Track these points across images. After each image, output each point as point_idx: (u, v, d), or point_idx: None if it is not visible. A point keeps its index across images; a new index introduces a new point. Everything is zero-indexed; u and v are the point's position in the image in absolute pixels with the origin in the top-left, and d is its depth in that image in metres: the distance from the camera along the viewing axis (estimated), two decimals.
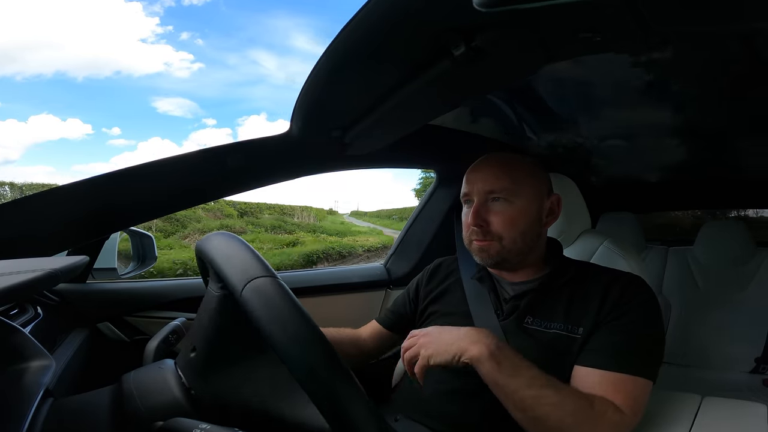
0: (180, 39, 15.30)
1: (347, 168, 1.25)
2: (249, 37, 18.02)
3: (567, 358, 0.76)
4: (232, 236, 0.56)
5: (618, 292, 0.77)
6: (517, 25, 0.54)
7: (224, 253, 0.52)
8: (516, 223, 0.81)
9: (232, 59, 17.29)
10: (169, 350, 0.71)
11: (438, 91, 0.74)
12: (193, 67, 15.33)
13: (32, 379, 0.47)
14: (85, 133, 26.06)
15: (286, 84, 18.80)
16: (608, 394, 0.70)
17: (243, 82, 18.06)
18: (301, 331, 0.45)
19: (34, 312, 0.85)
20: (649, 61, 0.89)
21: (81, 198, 0.86)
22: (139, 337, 1.09)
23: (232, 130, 17.12)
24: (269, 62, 18.50)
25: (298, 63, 20.15)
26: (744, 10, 0.47)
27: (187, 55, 16.46)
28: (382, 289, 1.52)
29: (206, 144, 17.74)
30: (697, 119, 1.23)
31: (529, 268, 0.86)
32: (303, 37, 19.45)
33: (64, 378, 0.77)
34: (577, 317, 0.78)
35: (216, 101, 17.91)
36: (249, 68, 17.49)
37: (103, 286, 1.11)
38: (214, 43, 17.00)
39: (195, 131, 18.88)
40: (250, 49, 17.80)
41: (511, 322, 0.82)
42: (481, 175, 0.83)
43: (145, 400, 0.55)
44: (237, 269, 0.49)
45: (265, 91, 18.33)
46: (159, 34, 14.75)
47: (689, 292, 1.87)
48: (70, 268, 0.48)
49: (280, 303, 0.46)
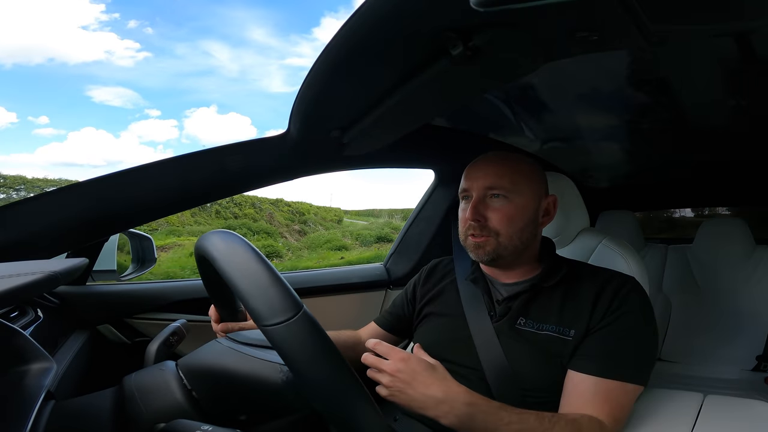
0: (128, 27, 15.05)
1: (346, 168, 1.25)
2: (202, 27, 17.78)
3: (559, 359, 0.76)
4: (240, 242, 0.52)
5: (610, 295, 0.78)
6: (515, 25, 0.54)
7: (242, 276, 0.48)
8: (514, 221, 0.81)
9: (181, 49, 17.00)
10: (170, 352, 0.72)
11: (436, 90, 0.74)
12: (138, 56, 15.04)
13: (33, 381, 0.47)
14: (8, 122, 25.19)
15: (239, 76, 18.51)
16: (598, 402, 0.71)
17: (192, 73, 17.73)
18: (332, 374, 0.46)
19: (35, 314, 0.85)
20: (647, 60, 0.89)
21: (80, 200, 0.86)
22: (140, 339, 1.09)
23: (179, 122, 16.78)
24: (222, 53, 18.27)
25: (253, 55, 19.81)
26: (740, 9, 0.47)
27: (133, 43, 16.14)
28: (382, 289, 1.52)
29: (143, 136, 17.29)
30: (695, 118, 1.23)
31: (523, 268, 0.87)
32: (261, 30, 19.22)
33: (66, 380, 0.77)
34: (569, 319, 0.78)
35: (161, 92, 17.55)
36: (199, 59, 17.28)
37: (102, 288, 1.12)
38: (164, 32, 16.73)
39: (136, 122, 18.50)
40: (201, 39, 17.57)
41: (503, 324, 0.82)
42: (482, 172, 0.84)
43: (146, 402, 0.55)
44: (265, 306, 0.46)
45: (215, 83, 18.14)
46: (103, 21, 14.41)
47: (689, 289, 1.87)
48: (70, 270, 0.48)
49: (311, 345, 0.46)
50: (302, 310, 0.46)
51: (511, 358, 0.78)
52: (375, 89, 0.75)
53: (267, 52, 19.38)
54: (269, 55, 19.32)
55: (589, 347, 0.75)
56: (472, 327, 0.85)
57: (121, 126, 19.31)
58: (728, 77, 0.96)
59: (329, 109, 0.85)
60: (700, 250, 1.88)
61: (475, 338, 0.83)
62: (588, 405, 0.71)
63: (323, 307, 1.38)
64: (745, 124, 1.26)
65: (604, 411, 0.70)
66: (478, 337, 0.83)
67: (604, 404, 0.70)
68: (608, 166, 1.81)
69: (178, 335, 0.75)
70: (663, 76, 0.98)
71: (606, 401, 0.71)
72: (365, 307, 1.47)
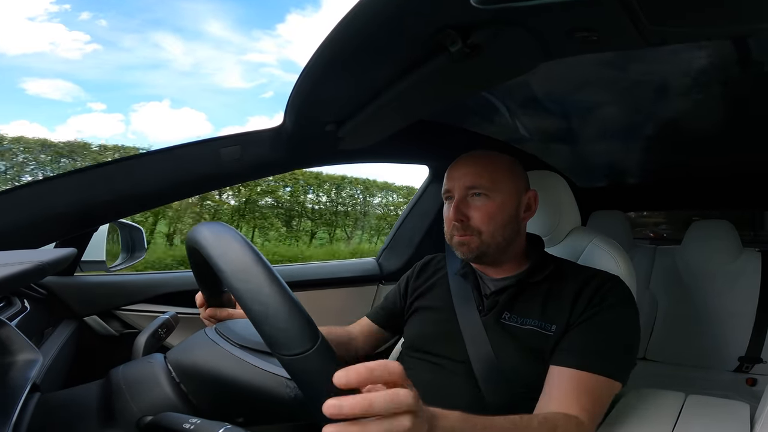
0: (79, 19, 14.32)
1: (340, 162, 1.25)
2: (155, 19, 16.89)
3: (541, 355, 0.77)
4: (242, 243, 0.48)
5: (592, 291, 0.79)
6: (514, 23, 0.54)
7: (256, 300, 0.44)
8: (495, 218, 0.83)
9: (130, 41, 16.25)
10: (159, 344, 0.71)
11: (434, 87, 0.74)
12: (86, 48, 14.41)
13: (19, 373, 0.47)
14: None
15: (192, 70, 17.66)
16: (575, 395, 0.70)
17: (141, 66, 16.91)
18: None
19: (21, 305, 0.84)
20: (643, 61, 0.89)
21: (69, 189, 0.85)
22: (128, 331, 1.08)
23: (125, 116, 16.21)
24: (174, 46, 17.43)
25: (209, 49, 18.96)
26: (738, 12, 0.47)
27: (82, 35, 15.47)
28: (374, 284, 1.52)
29: (84, 130, 16.75)
30: (688, 120, 1.25)
31: (510, 264, 0.88)
32: (218, 23, 18.49)
33: (52, 372, 0.76)
34: (552, 315, 0.79)
35: (107, 85, 16.74)
36: (149, 51, 16.55)
37: (91, 279, 1.10)
38: (115, 24, 16.01)
39: (77, 115, 17.79)
40: (153, 31, 16.76)
41: (490, 318, 0.84)
42: (462, 172, 0.85)
43: (134, 395, 0.54)
44: (282, 335, 0.43)
45: (167, 76, 17.38)
46: (52, 12, 13.84)
47: (675, 290, 1.89)
48: (58, 260, 0.47)
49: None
50: (320, 340, 0.43)
51: (497, 352, 0.79)
52: (371, 85, 0.75)
53: (225, 47, 18.88)
54: (227, 50, 18.82)
55: (569, 342, 0.76)
56: (461, 321, 0.86)
57: (59, 119, 18.46)
58: (723, 80, 0.97)
59: (325, 104, 0.84)
60: (687, 251, 1.91)
61: (464, 332, 0.84)
62: (564, 399, 0.71)
63: (315, 301, 1.37)
64: (738, 127, 1.28)
65: (580, 405, 0.70)
66: (467, 330, 0.84)
67: (581, 398, 0.70)
68: (601, 166, 1.83)
69: (168, 328, 0.74)
70: (658, 78, 0.99)
71: (583, 395, 0.71)
72: (357, 302, 1.47)
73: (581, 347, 0.74)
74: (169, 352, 0.61)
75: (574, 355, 0.74)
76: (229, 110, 20.26)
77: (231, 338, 0.60)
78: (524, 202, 0.87)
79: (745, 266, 1.79)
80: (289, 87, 0.80)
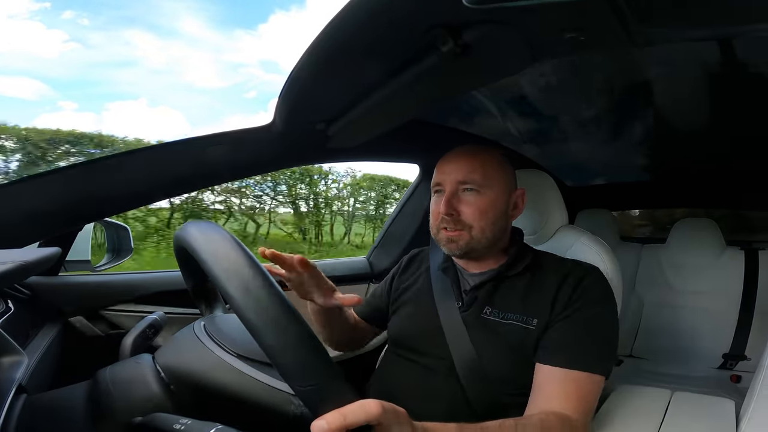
0: (61, 17, 13.86)
1: (329, 161, 1.25)
2: (127, 16, 16.46)
3: (523, 350, 0.77)
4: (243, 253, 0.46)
5: (572, 285, 0.79)
6: (505, 23, 0.55)
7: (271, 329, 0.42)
8: (486, 214, 0.82)
9: (102, 38, 15.80)
10: (147, 345, 0.70)
11: (424, 86, 0.74)
12: (65, 47, 14.03)
13: (4, 374, 0.46)
14: None
15: (167, 69, 17.30)
16: (565, 394, 0.71)
17: (115, 64, 16.44)
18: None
19: (5, 306, 0.82)
20: (631, 62, 0.91)
21: (54, 187, 0.83)
22: (115, 331, 1.06)
23: (98, 116, 15.77)
24: (149, 44, 17.02)
25: (184, 47, 18.59)
26: (726, 14, 0.48)
27: (61, 34, 15.01)
28: (365, 283, 1.52)
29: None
30: (675, 120, 1.27)
31: (491, 259, 0.88)
32: (195, 21, 18.18)
33: (38, 374, 0.74)
34: (533, 309, 0.79)
35: (78, 83, 16.16)
36: (122, 49, 16.14)
37: (76, 279, 1.08)
38: (95, 23, 15.52)
39: (46, 114, 17.25)
40: (127, 28, 16.37)
41: (470, 314, 0.83)
42: (454, 166, 0.84)
43: (122, 396, 0.54)
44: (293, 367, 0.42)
45: (141, 75, 17.01)
46: (34, 11, 13.46)
47: (661, 288, 1.93)
48: (42, 260, 0.46)
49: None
50: (334, 371, 0.43)
51: (479, 349, 0.79)
52: (362, 84, 0.75)
53: (202, 46, 18.61)
54: (204, 49, 18.54)
55: (553, 338, 0.76)
56: (442, 317, 0.85)
57: (25, 119, 17.73)
58: (710, 81, 0.99)
59: (315, 102, 0.84)
60: (672, 250, 1.95)
61: (445, 329, 0.83)
62: (556, 398, 0.71)
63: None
64: (725, 127, 1.30)
65: (571, 403, 0.70)
66: (448, 327, 0.83)
67: (571, 396, 0.71)
68: (589, 165, 1.85)
69: (155, 328, 0.73)
70: (646, 78, 1.00)
71: (573, 393, 0.71)
72: None
73: (566, 344, 0.74)
74: (157, 352, 0.61)
75: (560, 353, 0.74)
76: (206, 110, 20.00)
77: (224, 344, 0.59)
78: (513, 200, 0.87)
79: (728, 264, 1.83)
80: (270, 87, 0.79)
